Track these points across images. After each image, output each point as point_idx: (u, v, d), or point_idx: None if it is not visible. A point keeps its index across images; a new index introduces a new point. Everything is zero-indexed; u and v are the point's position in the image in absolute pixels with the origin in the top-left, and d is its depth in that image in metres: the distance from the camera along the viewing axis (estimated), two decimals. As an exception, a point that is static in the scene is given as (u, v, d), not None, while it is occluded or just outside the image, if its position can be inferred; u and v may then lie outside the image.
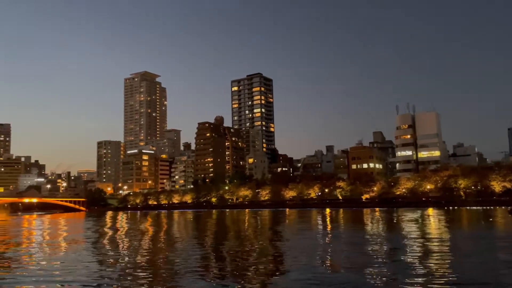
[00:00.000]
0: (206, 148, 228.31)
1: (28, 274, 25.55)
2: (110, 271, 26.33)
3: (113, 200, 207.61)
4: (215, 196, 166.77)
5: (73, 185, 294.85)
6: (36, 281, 23.17)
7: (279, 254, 32.81)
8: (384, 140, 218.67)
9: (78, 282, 22.51)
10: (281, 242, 41.86)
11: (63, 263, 29.88)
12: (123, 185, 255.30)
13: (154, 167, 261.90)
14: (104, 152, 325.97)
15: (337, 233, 49.04)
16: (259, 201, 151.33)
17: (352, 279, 21.52)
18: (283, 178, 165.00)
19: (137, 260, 30.67)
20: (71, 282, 22.47)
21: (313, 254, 30.90)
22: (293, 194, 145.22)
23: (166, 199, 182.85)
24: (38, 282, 22.87)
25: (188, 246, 38.96)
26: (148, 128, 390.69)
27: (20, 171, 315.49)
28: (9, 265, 30.26)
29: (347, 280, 21.23)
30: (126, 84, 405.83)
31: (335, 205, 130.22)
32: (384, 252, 31.68)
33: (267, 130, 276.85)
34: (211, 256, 32.78)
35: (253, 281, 21.88)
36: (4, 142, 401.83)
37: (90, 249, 39.14)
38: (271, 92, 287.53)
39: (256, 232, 54.84)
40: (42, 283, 22.49)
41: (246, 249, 35.80)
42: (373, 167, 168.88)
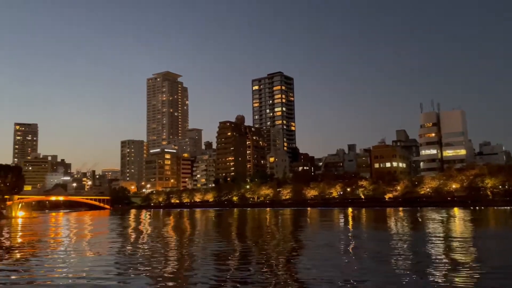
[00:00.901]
0: (227, 147, 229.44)
1: (56, 271, 26.28)
2: (134, 269, 26.80)
3: (136, 199, 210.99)
4: (236, 195, 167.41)
5: (97, 183, 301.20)
6: (66, 277, 23.81)
7: (301, 252, 32.70)
8: (408, 138, 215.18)
9: (105, 279, 23.03)
10: (303, 240, 41.72)
11: (90, 260, 30.59)
12: (146, 183, 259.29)
13: (176, 166, 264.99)
14: (127, 151, 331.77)
15: (360, 233, 48.53)
16: (280, 200, 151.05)
17: (374, 279, 21.28)
18: (304, 177, 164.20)
19: (160, 257, 31.13)
20: (100, 279, 23.01)
21: (335, 253, 30.69)
22: (315, 193, 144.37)
23: (188, 198, 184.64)
24: (67, 279, 23.50)
25: (211, 243, 39.27)
26: (170, 128, 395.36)
27: (47, 170, 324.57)
28: (38, 262, 31.19)
29: (368, 279, 21.01)
30: (148, 84, 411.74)
31: (358, 204, 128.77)
32: (407, 251, 31.17)
33: (288, 129, 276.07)
34: (233, 253, 32.96)
35: (270, 281, 21.90)
36: (31, 142, 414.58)
37: (116, 246, 39.93)
38: (292, 90, 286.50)
39: (277, 230, 54.82)
40: (70, 279, 23.12)
41: (268, 246, 35.84)
42: (396, 166, 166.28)
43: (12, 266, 28.95)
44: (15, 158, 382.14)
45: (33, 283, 22.62)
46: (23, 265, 29.44)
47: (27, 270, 27.11)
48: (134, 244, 41.27)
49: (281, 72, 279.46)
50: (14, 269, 27.84)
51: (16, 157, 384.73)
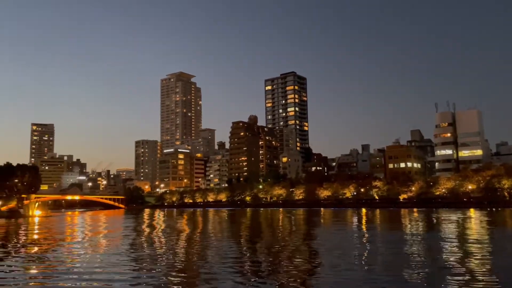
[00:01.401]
0: (240, 147, 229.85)
1: (72, 269, 26.68)
2: (150, 266, 27.05)
3: (150, 198, 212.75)
4: (249, 195, 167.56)
5: (112, 183, 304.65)
6: (78, 278, 24.16)
7: (314, 253, 32.58)
8: (423, 138, 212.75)
9: (118, 275, 23.30)
10: (317, 241, 41.55)
11: (105, 258, 30.98)
12: (160, 183, 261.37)
13: (189, 166, 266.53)
14: (141, 151, 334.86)
15: (374, 233, 48.11)
16: (293, 200, 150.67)
17: (387, 279, 21.08)
18: (317, 177, 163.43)
19: (175, 256, 31.36)
20: (112, 276, 23.28)
21: (349, 253, 30.49)
22: (328, 193, 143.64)
23: (201, 198, 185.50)
24: (79, 280, 23.84)
25: (225, 243, 39.39)
26: (183, 128, 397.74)
27: (63, 170, 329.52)
28: (54, 260, 31.71)
29: (382, 281, 20.82)
30: (162, 85, 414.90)
31: (371, 205, 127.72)
32: (422, 252, 30.79)
33: (301, 129, 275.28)
34: (247, 253, 33.00)
35: (286, 280, 21.86)
36: (48, 142, 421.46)
37: (130, 244, 40.36)
38: (305, 90, 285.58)
39: (291, 230, 54.70)
40: (84, 277, 23.46)
41: (280, 247, 35.80)
42: (411, 166, 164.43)
43: (29, 263, 29.54)
44: (32, 158, 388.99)
45: (49, 277, 23.06)
46: (40, 261, 29.99)
47: (44, 266, 27.61)
48: (148, 243, 41.64)
49: (294, 72, 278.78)
50: (31, 265, 28.41)
51: (33, 157, 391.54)
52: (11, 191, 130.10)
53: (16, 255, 34.23)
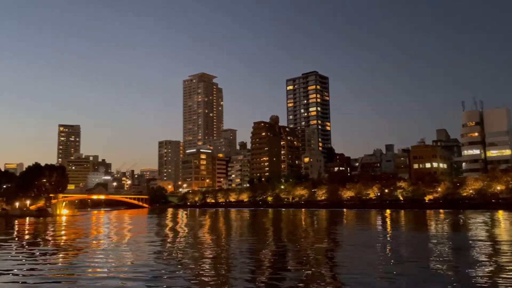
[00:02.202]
0: (261, 147, 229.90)
1: (97, 266, 27.19)
2: (170, 265, 27.27)
3: (173, 198, 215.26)
4: (271, 195, 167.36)
5: (136, 183, 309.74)
6: (103, 277, 24.57)
7: (337, 255, 32.19)
8: (449, 138, 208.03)
9: (143, 273, 23.58)
10: (340, 242, 41.08)
11: (130, 256, 31.43)
12: (182, 183, 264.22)
13: (211, 166, 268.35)
14: (164, 152, 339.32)
15: (400, 234, 47.21)
16: (316, 201, 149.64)
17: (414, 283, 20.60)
18: (340, 177, 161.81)
19: (196, 255, 31.54)
20: (137, 274, 23.58)
21: (374, 254, 29.98)
22: (351, 194, 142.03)
23: (223, 197, 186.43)
24: (103, 279, 24.23)
25: (248, 243, 39.38)
26: (205, 128, 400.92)
27: (88, 170, 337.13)
28: (79, 257, 32.38)
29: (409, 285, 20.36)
30: (184, 86, 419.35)
31: (396, 206, 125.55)
32: (451, 254, 29.99)
33: (323, 128, 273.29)
34: (269, 253, 32.89)
35: (307, 282, 21.64)
36: (74, 143, 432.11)
37: (155, 243, 40.86)
38: (327, 90, 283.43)
39: (314, 231, 54.28)
40: (110, 276, 23.84)
41: (303, 247, 35.53)
42: (437, 166, 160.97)
43: (59, 260, 30.29)
44: (59, 158, 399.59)
45: (74, 275, 23.60)
46: (68, 258, 30.72)
47: (72, 262, 28.28)
48: (171, 241, 42.08)
49: (316, 71, 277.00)
50: (61, 262, 29.11)
51: (60, 157, 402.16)
52: (39, 190, 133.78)
53: (46, 252, 35.15)
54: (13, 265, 28.36)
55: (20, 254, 35.04)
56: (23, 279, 23.46)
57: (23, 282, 22.59)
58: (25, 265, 28.61)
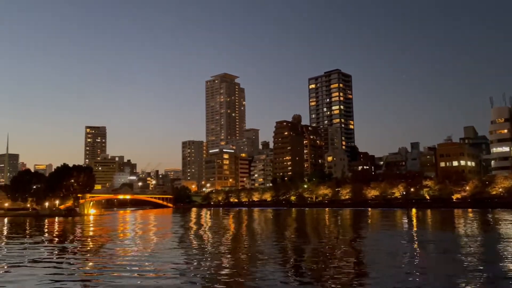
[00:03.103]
0: (284, 147, 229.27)
1: (125, 263, 27.75)
2: (197, 262, 27.57)
3: (197, 197, 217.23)
4: (294, 195, 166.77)
5: (161, 183, 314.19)
6: (130, 270, 25.06)
7: (363, 255, 31.83)
8: (477, 135, 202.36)
9: (168, 271, 23.93)
10: (366, 243, 40.60)
11: (156, 253, 31.95)
12: (206, 183, 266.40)
13: (234, 166, 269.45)
14: (188, 152, 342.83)
15: (428, 234, 46.28)
16: (339, 200, 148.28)
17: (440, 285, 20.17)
18: (364, 176, 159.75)
19: (223, 253, 31.77)
20: (163, 271, 23.95)
21: (399, 256, 29.52)
22: (376, 193, 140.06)
23: (246, 197, 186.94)
24: (131, 271, 24.72)
25: (273, 243, 39.40)
26: (228, 128, 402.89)
27: (114, 170, 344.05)
28: (108, 255, 33.13)
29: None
30: (207, 86, 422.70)
31: (422, 205, 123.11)
32: (479, 254, 29.21)
33: (346, 127, 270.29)
34: (292, 253, 32.82)
35: (332, 283, 21.48)
36: (100, 144, 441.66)
37: (181, 242, 41.39)
38: (350, 88, 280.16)
39: (338, 231, 53.81)
40: (134, 272, 24.31)
41: (327, 248, 35.29)
42: (464, 164, 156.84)
43: (88, 257, 31.10)
44: (86, 159, 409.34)
45: (104, 269, 24.17)
46: (97, 255, 31.49)
47: (100, 259, 28.97)
48: (196, 240, 42.53)
49: (339, 69, 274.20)
50: (89, 258, 29.89)
51: (87, 158, 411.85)
52: (67, 190, 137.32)
53: (77, 250, 36.12)
54: (45, 262, 29.30)
55: (52, 252, 36.10)
56: (55, 277, 24.18)
57: (53, 280, 23.27)
58: (56, 262, 29.48)
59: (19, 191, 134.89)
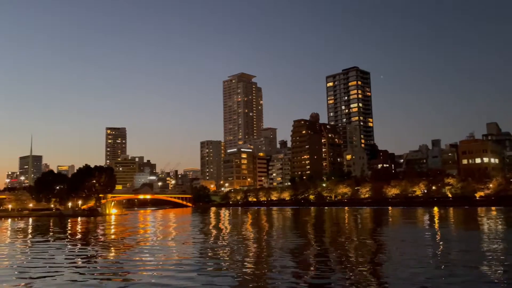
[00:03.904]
0: (302, 146, 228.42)
1: (146, 260, 28.15)
2: (216, 261, 27.75)
3: (216, 197, 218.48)
4: (312, 194, 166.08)
5: (180, 182, 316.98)
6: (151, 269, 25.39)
7: (384, 256, 31.48)
8: (500, 132, 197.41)
9: (188, 270, 24.16)
10: (387, 243, 40.14)
11: (177, 252, 32.29)
12: (224, 182, 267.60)
13: (252, 165, 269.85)
14: (206, 152, 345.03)
15: (451, 233, 45.45)
16: (359, 199, 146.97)
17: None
18: (384, 174, 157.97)
19: (243, 252, 31.88)
20: (182, 271, 24.20)
21: (423, 255, 29.08)
22: (396, 191, 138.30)
23: (265, 196, 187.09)
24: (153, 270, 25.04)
25: (293, 242, 39.33)
26: (245, 128, 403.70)
27: (135, 170, 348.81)
28: (130, 253, 33.65)
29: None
30: (224, 86, 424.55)
31: (444, 203, 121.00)
32: (505, 254, 28.52)
33: (365, 125, 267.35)
34: (311, 253, 32.70)
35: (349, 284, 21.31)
36: (120, 144, 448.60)
37: (199, 240, 41.71)
38: (369, 85, 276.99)
39: (358, 230, 53.33)
40: (157, 271, 24.65)
41: (347, 248, 35.03)
42: (488, 161, 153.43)
43: (111, 256, 31.66)
44: (107, 160, 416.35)
45: (125, 271, 24.58)
46: (120, 254, 32.02)
47: (123, 258, 29.47)
48: (216, 239, 42.77)
49: (357, 67, 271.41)
50: (113, 257, 30.44)
51: (108, 159, 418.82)
52: (90, 191, 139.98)
53: (100, 249, 36.81)
54: (70, 260, 29.98)
55: (75, 251, 36.86)
56: (79, 276, 24.70)
57: (76, 279, 23.78)
58: (80, 260, 30.10)
59: (43, 192, 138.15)
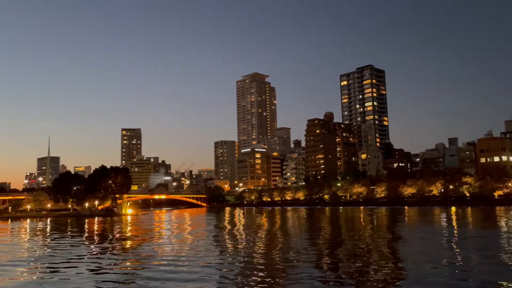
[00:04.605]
0: (316, 145, 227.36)
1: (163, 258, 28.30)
2: (231, 260, 27.73)
3: (230, 197, 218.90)
4: (327, 193, 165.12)
5: (194, 182, 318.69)
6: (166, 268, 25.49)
7: (400, 257, 31.05)
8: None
9: (205, 268, 24.19)
10: (404, 243, 39.61)
11: (192, 251, 32.40)
12: (238, 182, 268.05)
13: (266, 165, 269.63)
14: (220, 152, 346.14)
15: (468, 233, 44.61)
16: (374, 198, 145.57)
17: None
18: (400, 174, 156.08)
19: (257, 253, 31.82)
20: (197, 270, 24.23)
21: (440, 256, 28.57)
22: (412, 191, 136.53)
23: (279, 196, 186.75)
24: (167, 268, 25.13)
25: (308, 243, 39.10)
26: (259, 127, 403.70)
27: (150, 171, 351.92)
28: (146, 252, 33.89)
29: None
30: (238, 86, 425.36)
31: (461, 202, 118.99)
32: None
33: (380, 124, 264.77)
34: (329, 254, 32.44)
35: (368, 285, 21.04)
36: (136, 145, 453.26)
37: (215, 239, 41.80)
38: (384, 84, 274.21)
39: (376, 230, 52.76)
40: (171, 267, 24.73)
41: (364, 248, 34.66)
42: (506, 160, 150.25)
43: (128, 254, 31.95)
44: (122, 160, 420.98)
45: (143, 268, 24.76)
46: (138, 253, 32.29)
47: (141, 257, 29.70)
48: (230, 239, 42.82)
49: (372, 65, 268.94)
50: (130, 256, 30.70)
51: (124, 159, 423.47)
52: (106, 191, 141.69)
53: (117, 248, 37.19)
54: (88, 259, 30.35)
55: (93, 250, 37.28)
56: (98, 276, 24.96)
57: (95, 280, 24.04)
58: (98, 259, 30.42)
59: (61, 192, 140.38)
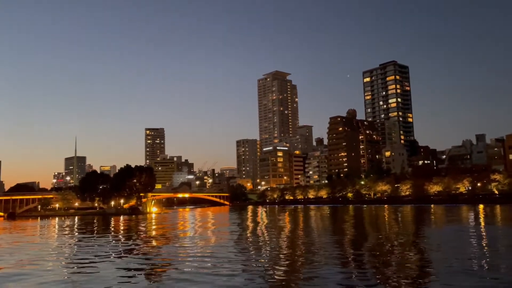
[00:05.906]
0: (339, 143, 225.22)
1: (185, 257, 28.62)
2: (254, 260, 27.78)
3: (252, 195, 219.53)
4: (350, 191, 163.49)
5: (217, 181, 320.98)
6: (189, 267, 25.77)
7: (428, 257, 30.47)
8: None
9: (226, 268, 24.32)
10: (431, 243, 38.87)
11: (215, 250, 32.65)
12: (260, 180, 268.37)
13: (288, 163, 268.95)
14: (242, 150, 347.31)
15: (497, 232, 43.37)
16: (399, 196, 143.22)
17: None
18: (425, 171, 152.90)
19: (281, 253, 31.81)
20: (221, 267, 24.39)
21: (469, 255, 27.89)
22: (438, 188, 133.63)
23: (301, 194, 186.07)
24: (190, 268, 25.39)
25: (333, 242, 38.84)
26: (281, 126, 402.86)
27: (173, 170, 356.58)
28: (172, 250, 34.34)
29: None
30: (259, 85, 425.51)
31: (490, 200, 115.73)
32: None
33: (405, 120, 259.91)
34: (353, 255, 32.15)
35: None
36: (159, 145, 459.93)
37: (240, 239, 42.00)
38: (408, 80, 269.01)
39: (403, 229, 51.92)
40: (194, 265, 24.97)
41: (389, 248, 34.17)
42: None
43: (155, 252, 32.49)
44: (147, 160, 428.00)
45: (168, 264, 25.13)
46: (164, 251, 32.79)
47: (167, 254, 30.15)
48: (253, 237, 42.91)
49: (395, 61, 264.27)
50: (157, 254, 31.21)
51: (148, 159, 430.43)
52: (131, 190, 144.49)
53: (145, 246, 37.85)
54: (115, 251, 31.00)
55: (121, 248, 38.04)
56: (121, 271, 25.48)
57: (120, 274, 24.51)
58: (126, 257, 31.06)
59: (87, 191, 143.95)
